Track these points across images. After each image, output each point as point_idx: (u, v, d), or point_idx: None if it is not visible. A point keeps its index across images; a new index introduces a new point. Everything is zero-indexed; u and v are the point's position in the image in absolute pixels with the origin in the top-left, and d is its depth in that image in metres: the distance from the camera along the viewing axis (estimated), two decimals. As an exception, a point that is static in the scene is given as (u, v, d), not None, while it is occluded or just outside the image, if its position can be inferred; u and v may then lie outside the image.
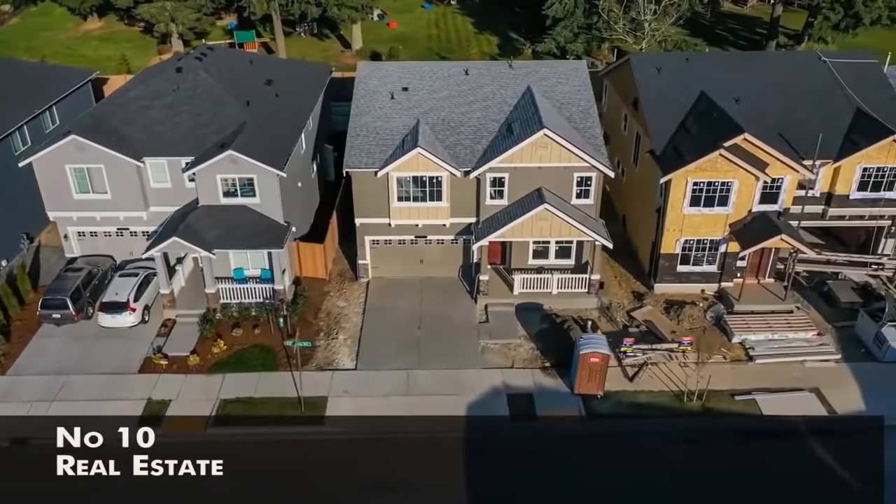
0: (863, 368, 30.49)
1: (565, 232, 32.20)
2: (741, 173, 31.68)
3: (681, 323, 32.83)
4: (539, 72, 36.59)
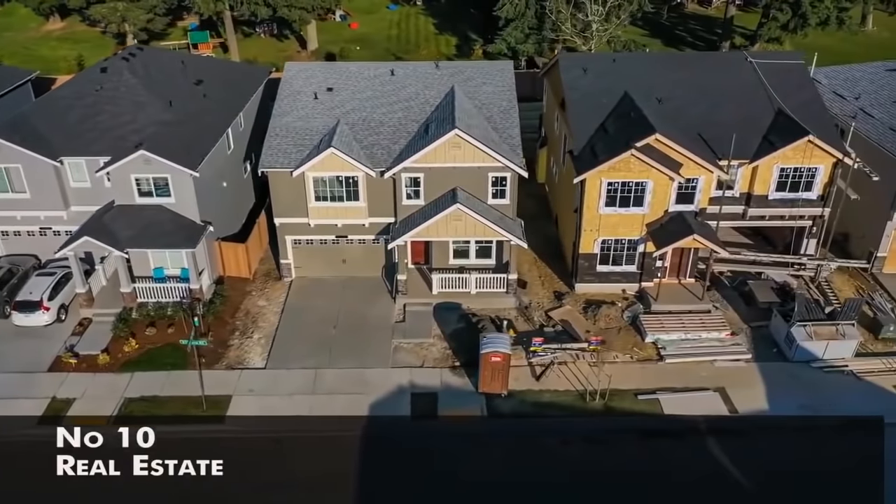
0: (772, 368, 30.60)
1: (480, 232, 32.31)
2: (655, 173, 31.79)
3: (597, 323, 32.95)
4: (465, 72, 36.69)
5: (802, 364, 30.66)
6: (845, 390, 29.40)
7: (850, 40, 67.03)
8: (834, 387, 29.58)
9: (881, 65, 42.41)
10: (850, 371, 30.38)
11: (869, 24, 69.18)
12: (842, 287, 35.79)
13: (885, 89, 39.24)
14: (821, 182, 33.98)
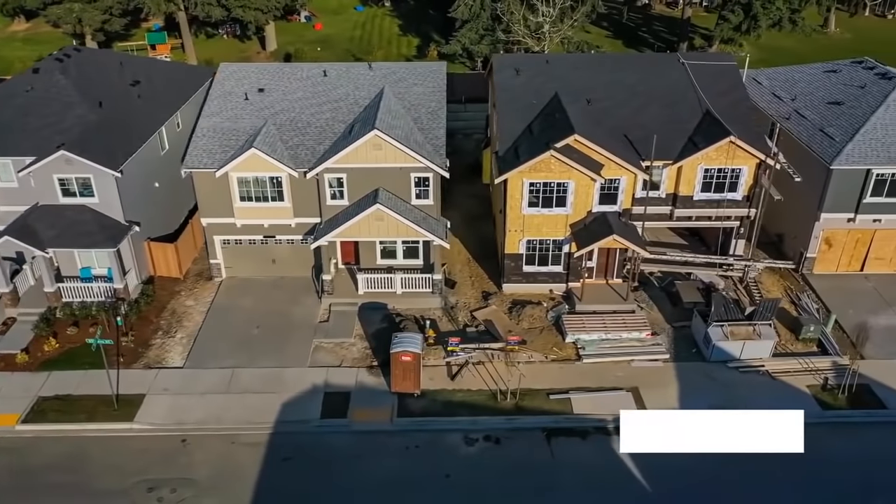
0: (688, 368, 30.72)
1: (402, 232, 32.46)
2: (576, 174, 31.93)
3: (520, 323, 33.09)
4: (397, 73, 36.88)
5: (719, 364, 30.80)
6: (758, 390, 29.52)
7: (812, 42, 67.23)
8: (747, 387, 29.70)
9: (820, 66, 42.52)
10: (766, 371, 30.52)
11: (831, 25, 69.29)
12: (771, 287, 35.92)
13: (821, 90, 39.33)
14: (745, 183, 34.10)
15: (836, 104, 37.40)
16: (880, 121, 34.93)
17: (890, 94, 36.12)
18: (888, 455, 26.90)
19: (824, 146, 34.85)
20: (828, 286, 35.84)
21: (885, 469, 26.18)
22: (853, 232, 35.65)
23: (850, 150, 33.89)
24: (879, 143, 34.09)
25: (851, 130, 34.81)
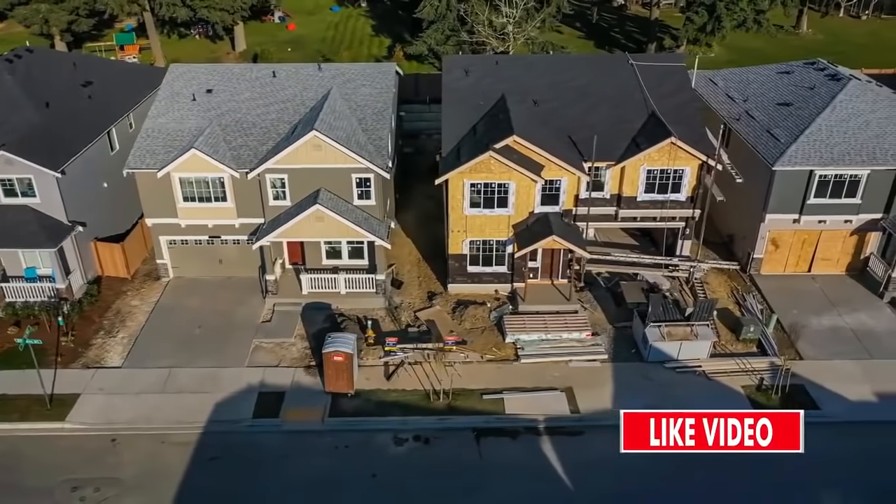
0: (626, 368, 30.80)
1: (343, 232, 32.55)
2: (516, 175, 32.00)
3: (462, 323, 33.18)
4: (346, 74, 36.98)
5: (656, 364, 30.88)
6: (693, 390, 29.57)
7: (782, 43, 67.37)
8: (683, 387, 29.77)
9: (774, 67, 42.62)
10: (703, 372, 30.60)
11: (803, 26, 69.36)
12: (717, 288, 36.00)
13: (772, 92, 39.42)
14: (689, 184, 34.18)
15: (786, 105, 37.51)
16: (825, 122, 35.01)
17: (837, 95, 36.23)
18: (818, 456, 26.89)
19: (769, 147, 34.95)
20: (774, 287, 35.93)
21: (816, 470, 26.20)
22: (799, 233, 35.73)
23: (793, 151, 33.98)
24: (823, 145, 34.17)
25: (797, 132, 34.90)
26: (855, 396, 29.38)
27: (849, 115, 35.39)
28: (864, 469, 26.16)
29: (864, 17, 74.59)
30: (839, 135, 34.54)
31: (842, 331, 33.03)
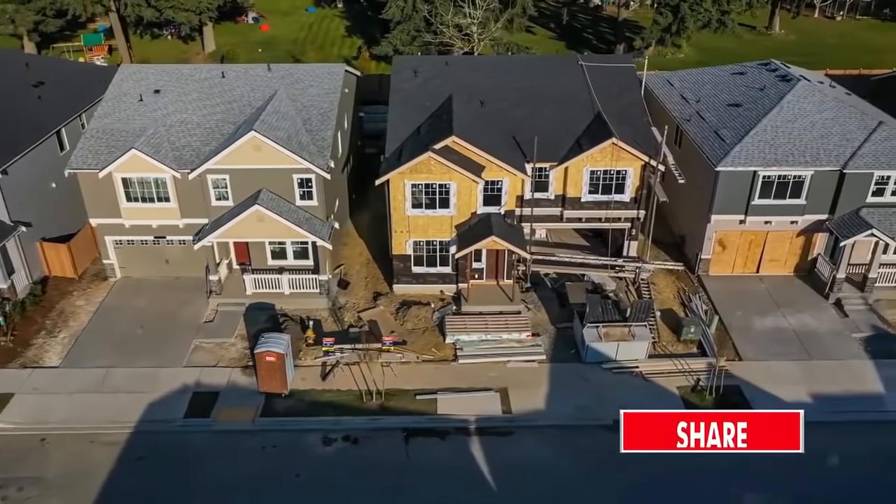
0: (563, 369, 30.82)
1: (283, 233, 32.58)
2: (457, 175, 32.05)
3: (404, 324, 33.22)
4: (295, 74, 37.04)
5: (594, 365, 30.90)
6: (628, 391, 29.58)
7: (753, 43, 67.45)
8: (618, 388, 29.77)
9: (728, 68, 42.66)
10: (639, 372, 30.62)
11: (775, 27, 69.35)
12: (664, 289, 36.03)
13: (724, 92, 39.46)
14: (632, 184, 34.22)
15: (735, 106, 37.54)
16: (771, 123, 35.04)
17: (785, 96, 36.29)
18: (755, 455, 26.83)
19: (714, 148, 34.97)
20: (721, 287, 35.94)
21: (742, 469, 26.21)
22: (746, 233, 35.74)
23: (737, 151, 33.99)
24: (767, 145, 34.18)
25: (742, 132, 34.93)
26: (790, 397, 29.33)
27: (795, 115, 35.43)
28: (789, 471, 26.10)
29: (839, 18, 74.57)
30: (784, 135, 34.57)
31: (784, 332, 33.04)
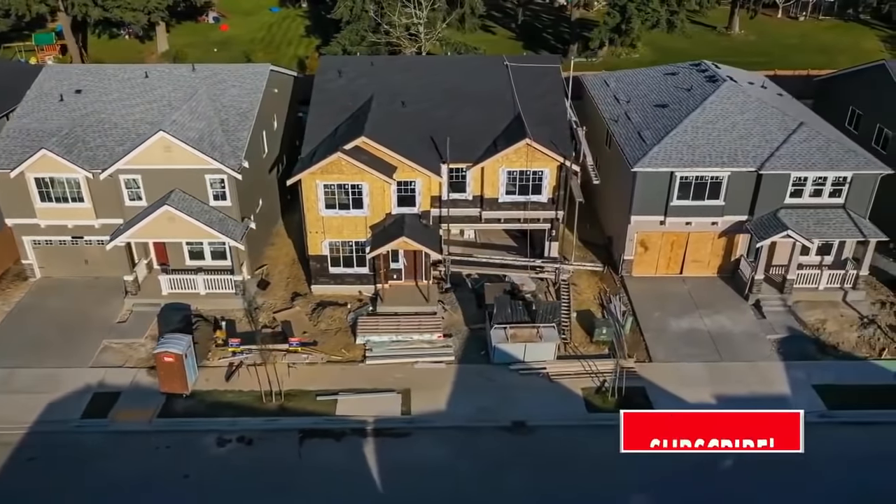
0: (470, 370, 30.75)
1: (195, 233, 32.51)
2: (369, 176, 31.98)
3: (318, 324, 33.17)
4: (219, 74, 36.97)
5: (502, 366, 30.80)
6: (531, 392, 29.52)
7: (711, 43, 67.35)
8: (522, 389, 29.70)
9: (662, 69, 42.57)
10: (546, 374, 30.53)
11: (735, 27, 69.21)
12: (585, 290, 35.96)
13: (654, 93, 39.38)
14: (549, 185, 34.14)
15: (662, 107, 37.47)
16: (692, 124, 34.97)
17: (708, 97, 36.20)
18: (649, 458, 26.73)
19: (634, 149, 34.88)
20: (643, 288, 35.87)
21: (633, 470, 26.11)
22: (667, 234, 35.65)
23: (655, 152, 33.91)
24: (686, 146, 34.10)
25: (664, 133, 34.85)
26: (693, 399, 29.30)
27: (717, 116, 35.35)
28: (682, 471, 26.02)
29: (802, 19, 74.45)
30: (704, 136, 34.49)
31: (698, 333, 32.95)
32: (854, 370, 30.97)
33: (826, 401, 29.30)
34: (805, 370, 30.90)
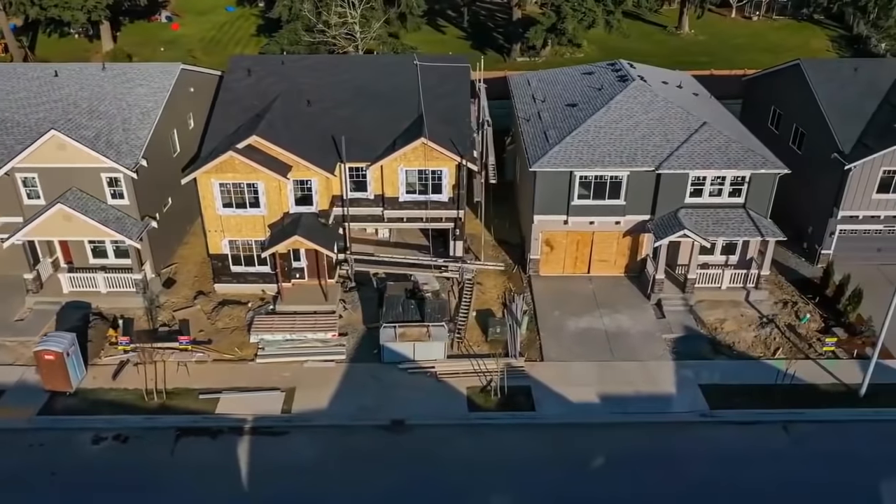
0: (360, 369, 30.82)
1: (91, 231, 32.58)
2: (263, 175, 32.03)
3: (216, 323, 33.25)
4: (128, 73, 36.99)
5: (391, 365, 30.87)
6: (416, 392, 29.58)
7: (660, 43, 67.38)
8: (407, 388, 29.77)
9: (581, 68, 42.63)
10: (433, 373, 30.59)
11: (685, 26, 69.23)
12: (491, 289, 36.01)
13: (569, 92, 39.43)
14: (449, 184, 34.19)
15: (572, 106, 37.54)
16: (595, 123, 35.04)
17: (615, 96, 36.27)
18: (524, 457, 26.88)
19: (536, 148, 34.95)
20: (548, 288, 35.95)
21: (501, 470, 26.21)
22: (571, 234, 35.72)
23: (554, 152, 33.98)
24: (587, 146, 34.17)
25: (567, 133, 34.91)
26: (577, 398, 29.38)
27: (621, 116, 35.43)
28: (560, 470, 26.12)
29: (755, 18, 74.40)
30: (606, 136, 34.56)
31: (595, 332, 33.02)
32: (743, 370, 31.03)
33: (710, 400, 29.38)
34: (694, 370, 30.97)
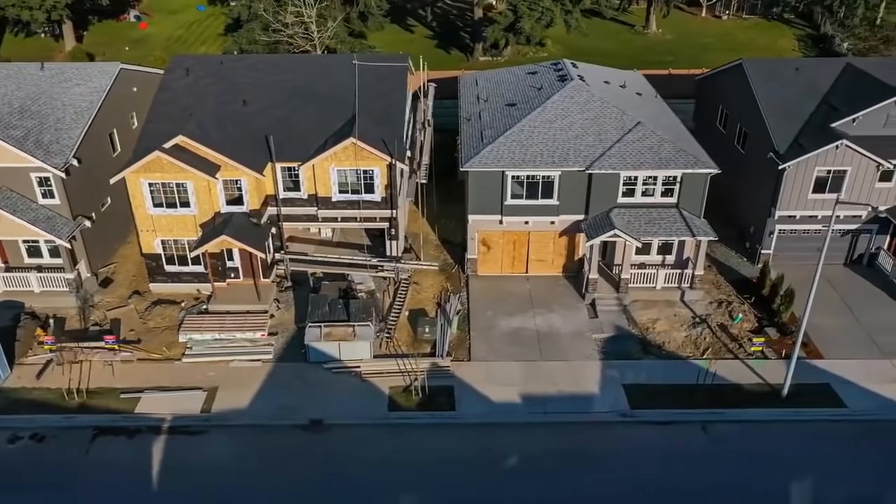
0: (285, 369, 30.89)
1: (20, 231, 32.64)
2: (192, 174, 32.05)
3: (147, 322, 33.31)
4: (66, 73, 37.05)
5: (317, 365, 30.90)
6: (337, 391, 29.64)
7: (627, 43, 67.34)
8: (330, 388, 29.83)
9: (527, 67, 42.61)
10: (358, 372, 30.62)
11: (652, 26, 69.15)
12: (428, 288, 36.01)
13: (511, 92, 39.41)
14: (381, 184, 34.20)
15: (511, 106, 37.53)
16: (530, 123, 35.02)
17: (551, 97, 36.23)
18: (442, 456, 26.90)
19: (470, 148, 34.95)
20: (484, 287, 35.96)
21: (411, 468, 26.23)
22: (507, 233, 35.72)
23: (486, 152, 33.97)
24: (519, 146, 34.15)
25: (502, 132, 34.90)
26: (500, 398, 29.41)
27: (556, 115, 35.40)
28: (477, 470, 26.13)
29: (725, 17, 74.25)
30: (539, 136, 34.54)
31: (526, 332, 33.02)
32: (669, 370, 31.00)
33: (632, 400, 29.39)
34: (620, 369, 30.98)
